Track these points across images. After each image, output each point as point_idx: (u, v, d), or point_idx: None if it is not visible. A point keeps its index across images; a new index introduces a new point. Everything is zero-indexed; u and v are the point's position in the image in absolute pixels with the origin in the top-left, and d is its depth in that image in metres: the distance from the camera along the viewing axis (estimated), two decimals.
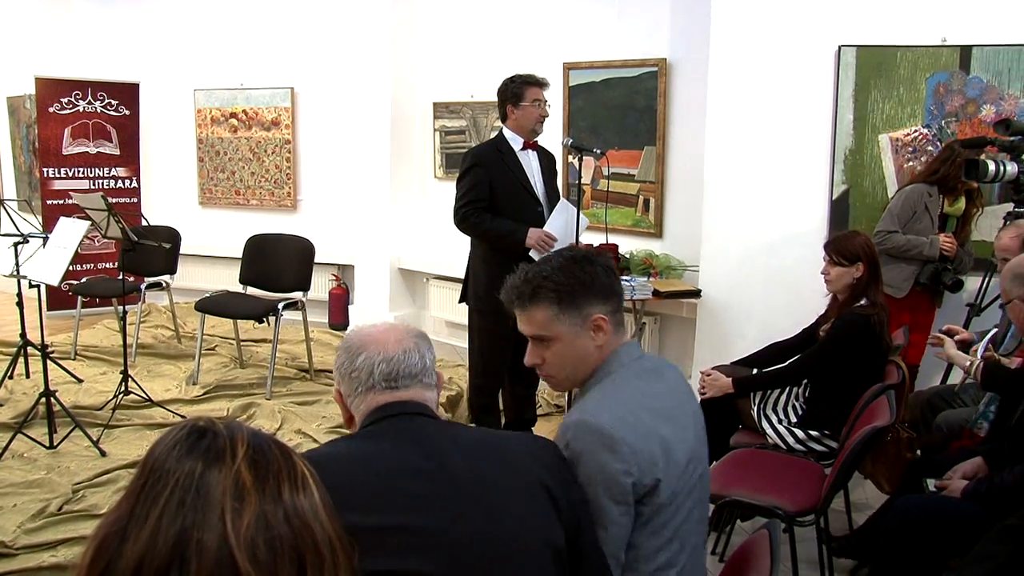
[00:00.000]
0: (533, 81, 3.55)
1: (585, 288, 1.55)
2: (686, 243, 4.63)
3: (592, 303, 1.55)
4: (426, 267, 5.84)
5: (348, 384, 1.36)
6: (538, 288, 1.55)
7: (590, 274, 1.56)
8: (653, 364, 1.61)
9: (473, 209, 3.50)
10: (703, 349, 4.31)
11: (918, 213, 3.63)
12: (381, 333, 1.37)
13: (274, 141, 6.33)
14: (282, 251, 4.77)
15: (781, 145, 4.05)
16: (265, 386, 4.42)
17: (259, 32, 6.28)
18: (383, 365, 1.33)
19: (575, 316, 1.54)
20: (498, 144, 3.61)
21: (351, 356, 1.36)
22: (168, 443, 0.80)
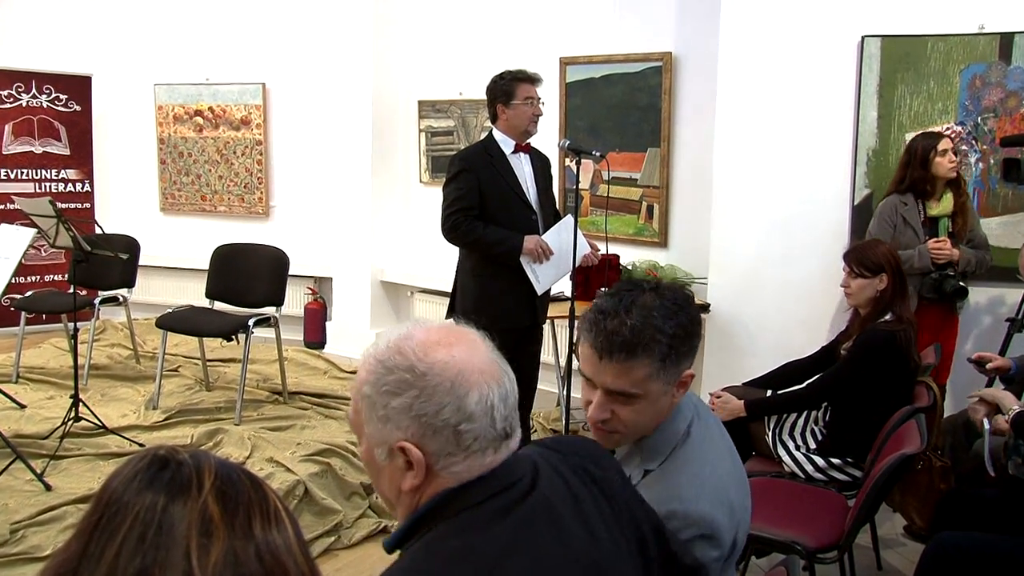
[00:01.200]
0: (525, 77, 3.56)
1: (690, 341, 1.46)
2: (693, 253, 4.63)
3: (689, 357, 1.48)
4: (410, 280, 5.85)
5: (447, 442, 1.04)
6: (650, 341, 1.41)
7: (694, 322, 1.47)
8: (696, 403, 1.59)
9: (464, 217, 3.50)
10: (712, 368, 4.31)
11: (898, 227, 3.62)
12: (464, 357, 1.07)
13: (244, 142, 6.33)
14: (253, 262, 4.76)
15: (797, 146, 4.06)
16: (234, 410, 4.39)
17: (227, 21, 6.28)
18: (500, 406, 1.06)
19: (673, 374, 1.44)
20: (487, 146, 3.62)
21: (453, 402, 1.04)
22: (126, 474, 0.79)
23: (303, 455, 3.79)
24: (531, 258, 3.53)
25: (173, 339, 5.15)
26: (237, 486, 0.80)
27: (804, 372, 3.30)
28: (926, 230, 3.60)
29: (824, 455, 2.94)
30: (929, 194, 3.60)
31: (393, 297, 6.07)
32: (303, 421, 4.33)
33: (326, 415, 4.44)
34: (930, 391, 2.85)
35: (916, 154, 3.58)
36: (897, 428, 2.54)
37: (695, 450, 1.47)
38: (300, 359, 5.55)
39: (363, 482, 3.66)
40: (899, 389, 2.89)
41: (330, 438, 4.01)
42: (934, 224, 3.62)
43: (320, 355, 5.70)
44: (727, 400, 3.12)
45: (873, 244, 3.10)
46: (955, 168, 3.57)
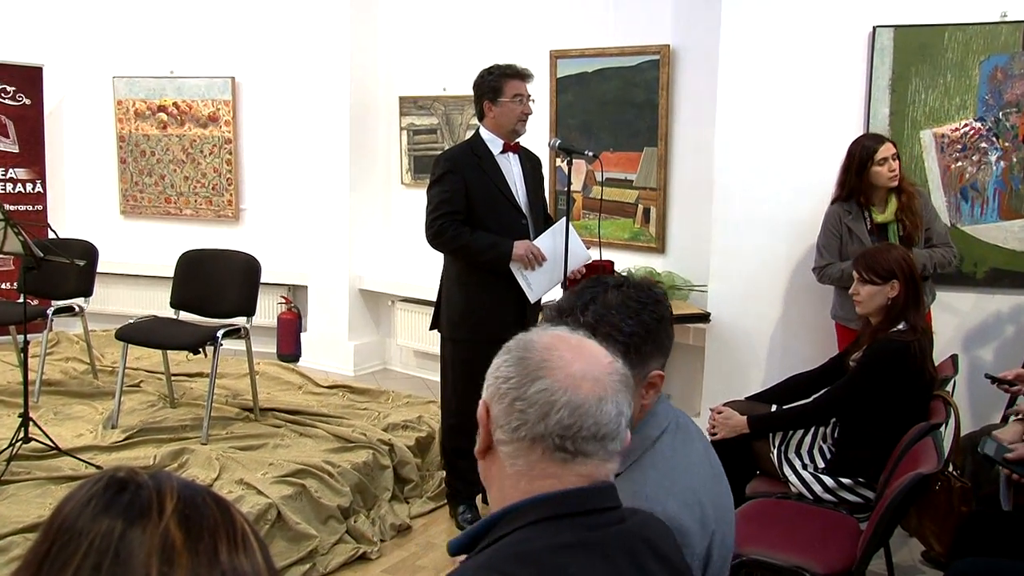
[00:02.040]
0: (514, 73, 3.57)
1: (654, 340, 1.50)
2: (692, 259, 4.65)
3: (655, 357, 1.51)
4: (392, 288, 5.86)
5: (505, 412, 1.16)
6: (604, 337, 1.44)
7: (659, 320, 1.51)
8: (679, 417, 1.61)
9: (449, 221, 3.51)
10: (713, 382, 4.32)
11: (844, 237, 3.63)
12: (575, 358, 1.17)
13: (212, 140, 6.31)
14: (222, 269, 4.72)
15: (804, 145, 4.08)
16: (200, 429, 4.36)
17: (193, 9, 6.26)
18: (564, 412, 1.13)
19: (636, 373, 1.46)
20: (474, 146, 3.63)
21: (525, 376, 1.15)
22: (81, 499, 0.78)
23: (276, 476, 3.76)
24: (521, 265, 3.53)
25: (134, 352, 5.10)
26: (201, 509, 0.79)
27: (811, 385, 3.31)
28: (874, 238, 3.58)
29: (833, 474, 2.95)
30: (873, 200, 3.61)
31: (373, 307, 6.07)
32: (276, 440, 4.31)
33: (301, 433, 4.41)
34: (948, 406, 2.86)
35: (853, 160, 3.58)
36: (912, 446, 2.54)
37: (664, 456, 1.51)
38: (273, 373, 5.52)
39: (340, 505, 3.64)
40: (914, 403, 2.90)
41: (305, 458, 3.98)
42: (883, 231, 3.60)
43: (294, 369, 5.67)
44: (729, 416, 3.13)
45: (884, 249, 3.11)
46: (896, 178, 3.55)
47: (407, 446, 4.20)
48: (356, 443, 4.17)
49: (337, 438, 4.25)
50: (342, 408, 4.84)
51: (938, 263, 3.59)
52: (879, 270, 3.00)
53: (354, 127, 5.78)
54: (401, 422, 4.50)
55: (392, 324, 6.01)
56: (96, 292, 5.20)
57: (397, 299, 5.88)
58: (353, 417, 4.64)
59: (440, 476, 4.10)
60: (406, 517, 3.83)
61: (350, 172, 5.79)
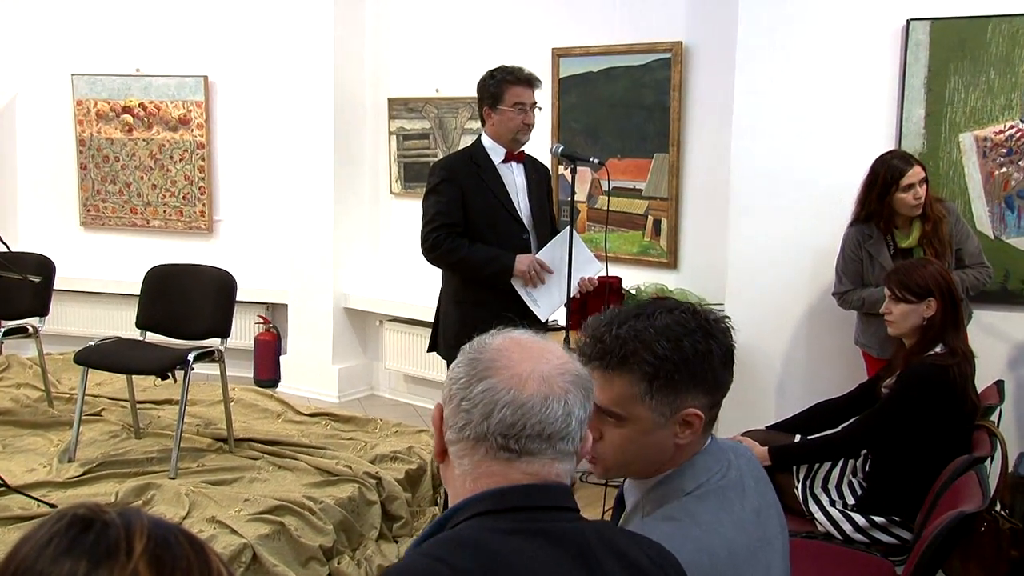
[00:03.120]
0: (516, 79, 3.57)
1: (691, 371, 1.51)
2: (707, 275, 4.65)
3: (692, 392, 1.52)
4: (380, 307, 5.85)
5: (453, 413, 1.26)
6: (631, 354, 1.50)
7: (703, 354, 1.51)
8: (728, 469, 1.59)
9: (447, 234, 3.52)
10: (730, 410, 4.14)
11: (864, 263, 3.65)
12: (524, 358, 1.25)
13: (182, 144, 6.31)
14: (193, 286, 4.71)
15: (830, 151, 4.07)
16: (168, 461, 4.34)
17: (162, 1, 6.25)
18: (507, 411, 1.21)
19: (665, 403, 1.50)
20: (474, 154, 3.65)
21: (472, 376, 1.25)
22: (40, 539, 0.77)
23: (252, 513, 3.74)
24: (524, 281, 3.54)
25: (95, 377, 5.06)
26: (174, 550, 0.79)
27: (838, 414, 3.30)
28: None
29: (865, 512, 2.93)
30: (895, 223, 3.61)
31: (359, 327, 6.05)
32: (252, 473, 4.28)
33: (280, 466, 4.40)
34: (993, 438, 2.84)
35: (877, 180, 3.58)
36: (953, 481, 2.52)
37: (690, 513, 1.49)
38: (249, 400, 5.49)
39: (323, 545, 3.62)
40: (954, 434, 2.88)
41: (284, 493, 3.97)
42: (907, 256, 3.60)
43: (273, 395, 5.64)
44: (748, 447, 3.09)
45: (919, 264, 3.11)
46: (920, 207, 3.54)
47: (396, 479, 4.18)
48: (340, 476, 4.15)
49: (319, 471, 4.23)
50: (325, 438, 4.83)
51: (970, 286, 3.59)
52: (914, 287, 2.99)
53: (339, 131, 5.78)
54: (390, 453, 4.48)
55: (380, 346, 6.00)
56: (53, 311, 5.19)
57: (386, 319, 5.87)
58: (337, 448, 4.62)
59: (432, 512, 4.09)
60: (395, 558, 3.80)
61: (334, 180, 5.79)
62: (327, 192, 5.80)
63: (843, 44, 4.02)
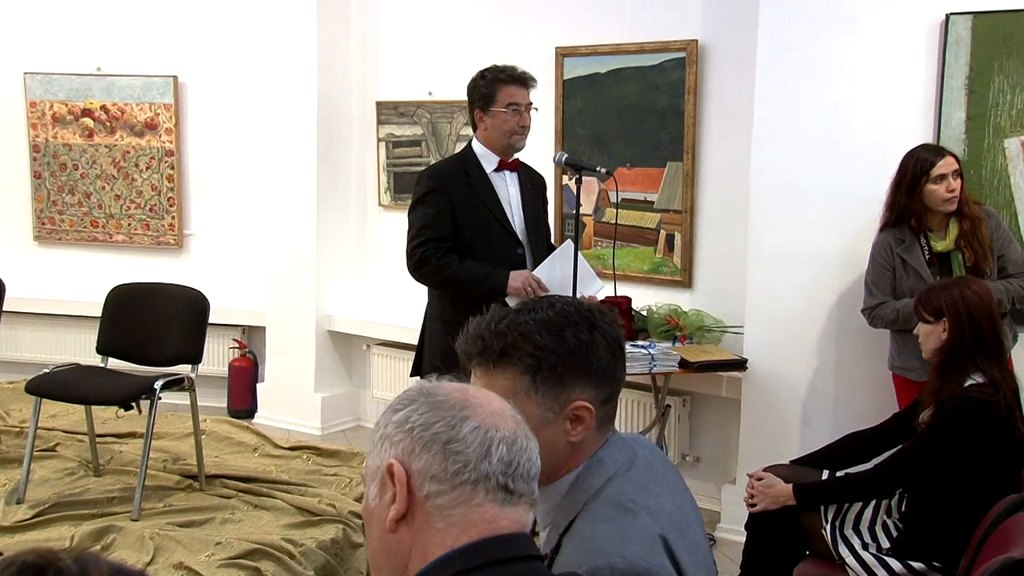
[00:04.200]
0: (509, 77, 3.59)
1: (575, 362, 1.58)
2: (725, 295, 4.64)
3: (579, 384, 1.58)
4: (367, 330, 5.84)
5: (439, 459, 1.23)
6: (511, 347, 1.58)
7: (586, 343, 1.59)
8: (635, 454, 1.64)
9: (433, 249, 3.53)
10: (751, 442, 4.29)
11: (897, 271, 3.64)
12: (487, 398, 1.30)
13: (149, 151, 6.30)
14: (161, 307, 4.70)
15: (860, 159, 4.05)
16: (131, 501, 4.32)
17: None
18: (503, 449, 1.23)
19: (551, 397, 1.57)
20: (464, 162, 3.67)
21: (451, 417, 1.24)
22: None
23: (224, 558, 3.73)
24: (519, 299, 3.54)
25: (49, 408, 5.02)
26: None
27: (871, 447, 3.29)
28: (934, 270, 3.59)
29: (901, 557, 2.91)
30: (926, 227, 3.61)
31: (345, 352, 6.04)
32: (225, 513, 4.27)
33: (256, 504, 4.40)
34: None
35: (906, 175, 3.58)
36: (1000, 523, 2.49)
37: (612, 498, 1.55)
38: (222, 432, 5.50)
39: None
40: (1000, 471, 2.87)
41: (260, 535, 3.96)
42: (944, 261, 3.61)
43: (249, 427, 5.67)
44: (771, 484, 3.12)
45: (949, 284, 3.11)
46: (954, 200, 3.54)
47: None
48: (323, 516, 4.15)
49: (300, 511, 4.23)
50: (306, 474, 4.83)
51: (1016, 296, 3.58)
52: (929, 306, 3.03)
53: (322, 138, 5.78)
54: None
55: (368, 373, 5.99)
56: (3, 335, 5.18)
57: (374, 343, 5.86)
58: (320, 485, 4.63)
59: None
60: None
61: (317, 191, 5.78)
62: (309, 204, 5.79)
63: (874, 41, 4.01)
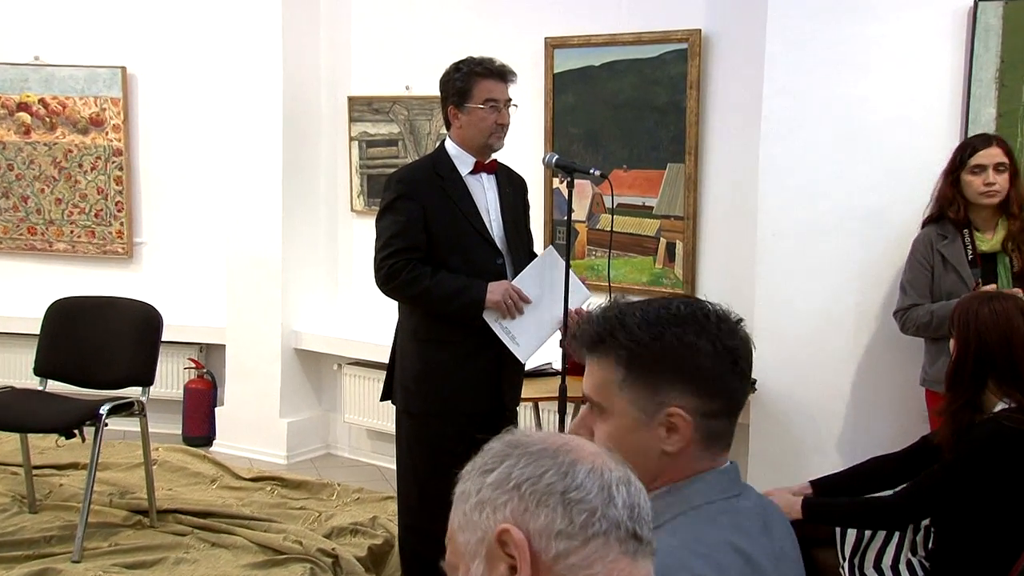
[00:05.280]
0: (487, 71, 3.59)
1: (668, 363, 1.57)
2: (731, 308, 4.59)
3: (676, 389, 1.56)
4: (338, 348, 5.83)
5: (561, 513, 1.16)
6: (608, 335, 1.59)
7: (689, 346, 1.57)
8: (755, 506, 1.62)
9: (405, 261, 3.52)
10: (760, 472, 4.26)
11: (936, 270, 3.67)
12: (574, 441, 1.25)
13: (95, 150, 6.27)
14: (108, 323, 4.70)
15: (879, 160, 4.05)
16: (73, 541, 4.27)
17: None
18: (623, 491, 1.19)
19: (643, 396, 1.57)
20: (437, 163, 3.67)
21: (560, 464, 1.19)
22: None
23: None
24: (499, 313, 3.53)
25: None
26: None
27: (894, 473, 3.25)
28: (976, 271, 3.61)
29: None
30: (969, 222, 3.63)
31: (313, 372, 6.03)
32: (178, 553, 4.25)
33: (213, 542, 4.38)
34: None
35: (950, 165, 3.64)
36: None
37: (700, 523, 1.54)
38: (176, 462, 5.47)
39: None
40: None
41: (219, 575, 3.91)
42: (989, 263, 3.63)
43: (206, 455, 5.65)
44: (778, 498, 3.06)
45: (971, 296, 3.11)
46: (993, 195, 3.57)
47: (357, 557, 4.18)
48: (288, 555, 4.15)
49: (263, 548, 4.23)
50: (270, 508, 4.83)
51: None
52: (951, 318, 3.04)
53: (288, 136, 5.77)
54: (349, 525, 4.50)
55: (339, 395, 5.98)
56: None
57: (345, 362, 5.84)
58: (285, 520, 4.63)
59: None
60: None
61: (283, 195, 5.77)
62: (274, 210, 5.78)
63: (896, 31, 4.01)
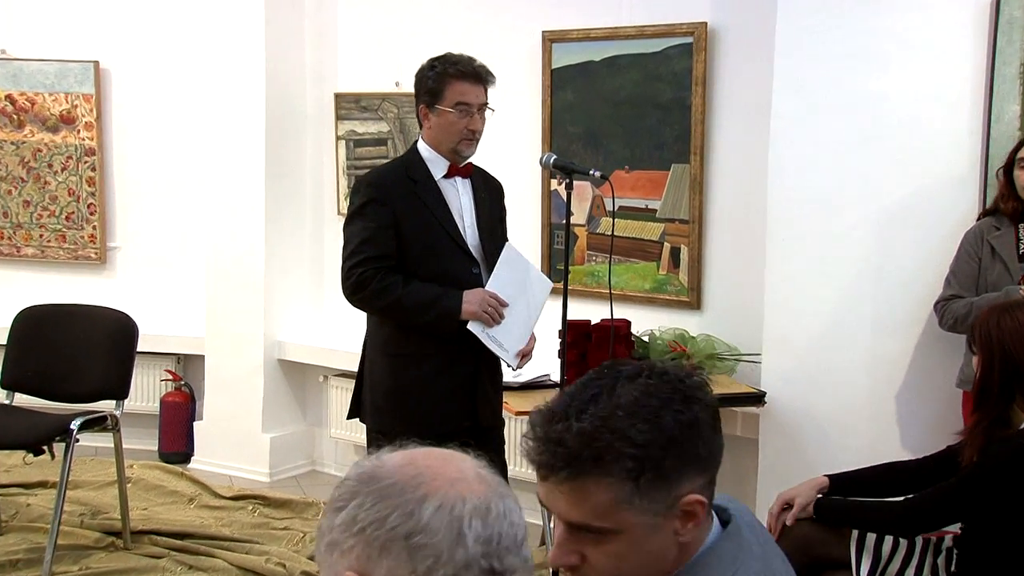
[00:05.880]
0: (458, 71, 3.59)
1: (681, 452, 1.51)
2: (739, 318, 4.66)
3: (688, 476, 1.52)
4: (324, 358, 5.83)
5: (406, 559, 1.17)
6: (605, 453, 1.48)
7: (689, 425, 1.52)
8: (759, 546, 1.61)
9: (374, 269, 3.53)
10: (770, 488, 4.18)
11: (984, 261, 3.71)
12: (441, 462, 1.25)
13: (66, 149, 6.27)
14: (80, 333, 4.70)
15: (897, 157, 4.04)
16: (41, 564, 4.26)
17: None
18: (477, 524, 1.19)
19: (659, 499, 1.50)
20: (409, 166, 3.67)
21: (404, 503, 1.20)
22: None
23: None
24: (482, 324, 3.56)
25: None
26: None
27: (916, 479, 3.23)
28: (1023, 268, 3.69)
29: None
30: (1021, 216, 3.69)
31: (298, 384, 6.04)
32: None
33: (191, 565, 4.38)
34: None
35: (1007, 160, 3.71)
36: None
37: None
38: (153, 480, 5.46)
39: None
40: None
41: None
42: None
43: (184, 473, 5.64)
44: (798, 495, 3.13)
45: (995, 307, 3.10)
46: None
47: None
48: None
49: (244, 571, 4.24)
50: (252, 528, 4.83)
51: None
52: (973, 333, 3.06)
53: (272, 135, 5.76)
54: None
55: (325, 409, 5.97)
56: None
57: (332, 373, 5.83)
58: (268, 541, 4.64)
59: None
60: None
61: (266, 197, 5.76)
62: (256, 213, 5.77)
63: (914, 23, 4.00)
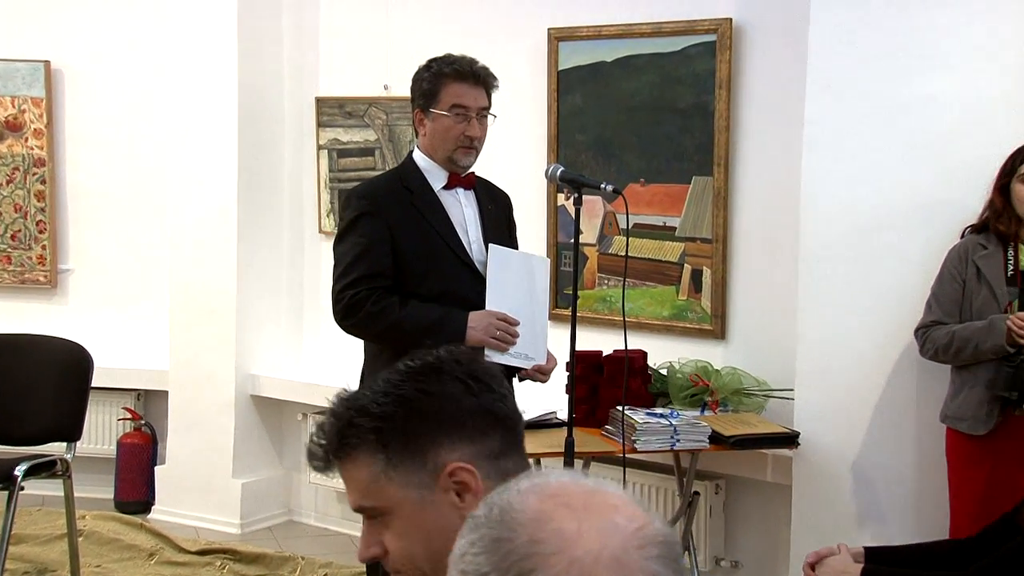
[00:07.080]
0: (456, 72, 3.61)
1: (427, 419, 1.62)
2: (769, 349, 4.66)
3: (444, 444, 1.61)
4: (302, 394, 5.83)
5: None
6: (348, 427, 1.62)
7: (438, 395, 1.64)
8: None
9: (368, 290, 3.52)
10: (806, 542, 4.14)
11: (969, 283, 3.76)
12: (583, 529, 1.16)
13: (12, 160, 6.32)
14: (27, 367, 4.72)
15: (946, 168, 4.04)
16: None
17: None
18: None
19: (413, 469, 1.61)
20: (404, 176, 3.69)
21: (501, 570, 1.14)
22: None
23: None
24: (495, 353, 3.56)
25: None
26: None
27: (965, 552, 3.16)
28: (1013, 290, 3.71)
29: None
30: (1017, 236, 3.74)
31: (273, 423, 6.05)
32: None
33: None
34: None
35: (1001, 171, 3.75)
36: None
37: None
38: (108, 532, 5.45)
39: None
40: None
41: None
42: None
43: (143, 524, 5.62)
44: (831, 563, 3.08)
45: None
46: None
47: None
48: None
49: None
50: None
51: None
52: None
53: (245, 144, 5.78)
54: None
55: (303, 451, 5.81)
56: None
57: (311, 411, 5.77)
58: None
59: None
60: None
61: (239, 214, 5.77)
62: (228, 231, 5.77)
63: (964, 18, 4.01)
